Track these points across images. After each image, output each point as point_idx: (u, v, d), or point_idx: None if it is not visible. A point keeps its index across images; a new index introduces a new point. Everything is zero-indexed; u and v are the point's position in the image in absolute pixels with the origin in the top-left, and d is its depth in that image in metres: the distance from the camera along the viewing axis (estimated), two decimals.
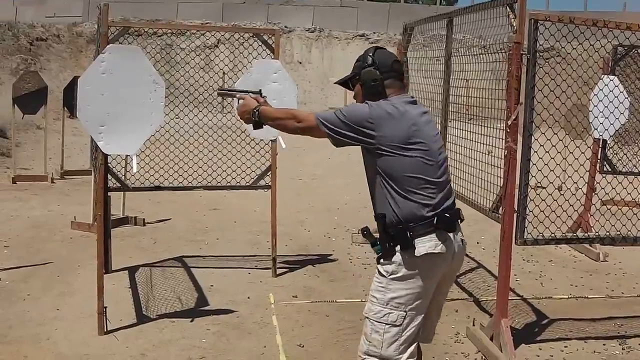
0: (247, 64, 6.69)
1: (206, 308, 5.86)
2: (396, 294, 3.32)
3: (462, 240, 3.49)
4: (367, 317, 3.41)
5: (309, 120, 3.49)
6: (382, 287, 3.36)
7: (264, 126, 3.73)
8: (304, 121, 3.51)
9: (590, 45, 5.20)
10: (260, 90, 3.96)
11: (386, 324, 3.34)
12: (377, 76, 3.47)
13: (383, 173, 3.36)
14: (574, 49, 5.31)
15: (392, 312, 3.33)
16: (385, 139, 3.31)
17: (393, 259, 3.32)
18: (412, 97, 3.57)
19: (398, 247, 3.31)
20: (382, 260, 3.38)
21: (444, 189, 3.42)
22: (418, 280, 3.31)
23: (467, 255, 3.43)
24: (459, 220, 3.49)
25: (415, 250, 3.27)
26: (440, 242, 3.31)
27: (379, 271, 3.39)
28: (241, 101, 3.82)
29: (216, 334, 5.29)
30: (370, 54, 3.55)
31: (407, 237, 3.29)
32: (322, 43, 27.60)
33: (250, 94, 3.85)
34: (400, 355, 3.35)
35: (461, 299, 6.21)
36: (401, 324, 3.33)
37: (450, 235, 3.37)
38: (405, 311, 3.32)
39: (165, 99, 5.40)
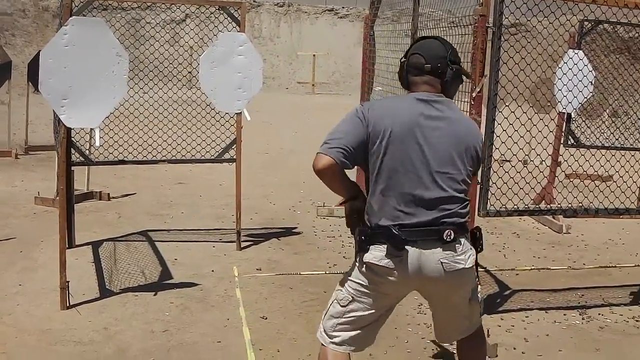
0: (214, 37, 6.62)
1: (170, 281, 5.84)
2: (351, 277, 3.21)
3: (442, 262, 3.05)
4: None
5: (315, 163, 3.03)
6: (351, 266, 3.26)
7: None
8: (314, 167, 3.04)
9: (556, 18, 5.21)
10: None
11: (335, 298, 3.27)
12: (402, 71, 3.30)
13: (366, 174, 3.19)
14: (539, 22, 5.33)
15: (341, 290, 3.24)
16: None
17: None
18: (430, 94, 3.20)
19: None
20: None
21: (430, 206, 3.06)
22: (367, 281, 3.15)
23: None
24: (443, 241, 3.04)
25: (364, 255, 3.10)
26: (387, 256, 3.04)
27: None
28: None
29: (179, 307, 5.28)
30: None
31: (361, 240, 3.10)
32: (291, 17, 27.47)
33: None
34: (334, 333, 3.25)
35: None
36: (345, 306, 3.21)
37: (410, 250, 3.02)
38: (351, 296, 3.19)
39: (131, 73, 5.34)
